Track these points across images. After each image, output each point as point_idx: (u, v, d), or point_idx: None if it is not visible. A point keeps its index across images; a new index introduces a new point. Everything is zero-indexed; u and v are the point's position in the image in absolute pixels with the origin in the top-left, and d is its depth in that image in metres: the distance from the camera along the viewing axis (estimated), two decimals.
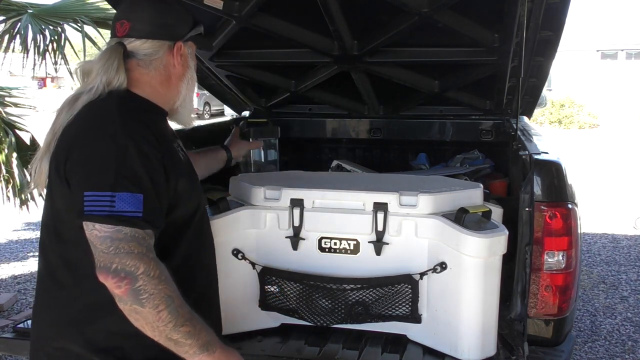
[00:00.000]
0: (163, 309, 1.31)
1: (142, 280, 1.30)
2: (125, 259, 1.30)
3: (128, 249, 1.30)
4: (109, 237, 1.30)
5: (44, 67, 4.22)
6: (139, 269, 1.30)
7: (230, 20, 2.34)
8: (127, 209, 1.31)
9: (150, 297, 1.30)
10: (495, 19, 2.21)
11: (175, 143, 1.57)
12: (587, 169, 9.47)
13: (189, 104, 1.64)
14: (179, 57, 1.55)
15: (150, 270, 1.31)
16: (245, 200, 2.02)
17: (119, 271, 1.29)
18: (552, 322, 1.97)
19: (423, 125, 3.46)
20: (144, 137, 1.39)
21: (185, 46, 1.57)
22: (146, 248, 1.33)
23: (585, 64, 25.18)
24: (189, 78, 1.61)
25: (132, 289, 1.29)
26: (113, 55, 1.50)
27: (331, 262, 1.94)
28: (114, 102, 1.46)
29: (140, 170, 1.35)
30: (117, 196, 1.31)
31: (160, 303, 1.31)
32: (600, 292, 4.56)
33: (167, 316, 1.32)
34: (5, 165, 4.12)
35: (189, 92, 1.61)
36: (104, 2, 4.13)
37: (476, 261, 1.76)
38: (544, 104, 4.48)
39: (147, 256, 1.32)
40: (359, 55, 2.58)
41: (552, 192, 1.92)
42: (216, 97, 3.57)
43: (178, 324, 1.33)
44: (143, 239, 1.33)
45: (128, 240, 1.31)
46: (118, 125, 1.39)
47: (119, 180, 1.32)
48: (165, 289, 1.32)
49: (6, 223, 6.50)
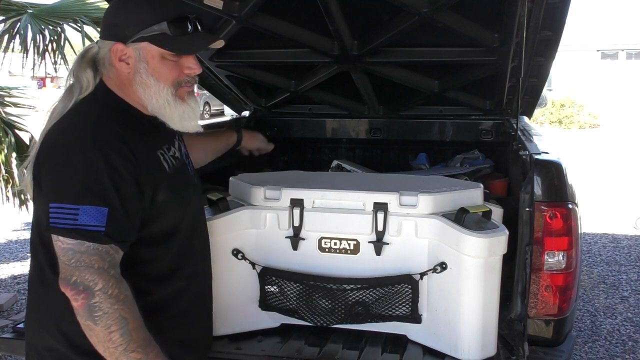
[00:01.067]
0: (115, 330, 1.29)
1: (99, 297, 1.28)
2: (84, 272, 1.28)
3: (89, 262, 1.29)
4: (71, 249, 1.29)
5: (44, 67, 4.22)
6: (97, 285, 1.28)
7: (230, 20, 2.34)
8: (90, 222, 1.29)
9: (104, 315, 1.28)
10: (495, 19, 2.21)
11: (160, 150, 1.50)
12: (587, 169, 9.47)
13: (168, 112, 1.48)
14: (117, 60, 1.44)
15: (109, 288, 1.29)
16: (245, 200, 2.02)
17: (78, 284, 1.28)
18: (553, 322, 1.97)
19: (423, 125, 3.46)
20: (115, 149, 1.35)
21: (132, 48, 1.43)
22: (109, 263, 1.31)
23: (585, 64, 25.18)
24: (141, 83, 1.45)
25: (88, 304, 1.28)
26: (82, 54, 1.51)
27: (331, 262, 1.94)
28: (94, 108, 1.44)
29: (107, 183, 1.32)
30: (81, 209, 1.29)
31: (113, 324, 1.28)
32: (601, 292, 4.55)
33: (118, 338, 1.29)
34: (4, 165, 4.12)
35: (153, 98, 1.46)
36: (104, 2, 4.12)
37: (476, 261, 1.76)
38: (544, 104, 4.48)
39: (107, 272, 1.30)
40: (359, 55, 2.57)
41: (553, 192, 1.92)
42: (216, 97, 3.56)
43: (129, 348, 1.30)
44: (107, 253, 1.31)
45: (90, 253, 1.29)
46: (89, 136, 1.36)
47: (84, 193, 1.30)
48: (122, 310, 1.29)
49: (6, 223, 6.50)
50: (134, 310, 1.33)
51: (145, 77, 1.45)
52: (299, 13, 2.36)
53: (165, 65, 1.46)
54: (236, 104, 3.62)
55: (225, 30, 2.41)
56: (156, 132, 1.52)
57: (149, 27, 1.42)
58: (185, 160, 1.65)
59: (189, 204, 1.57)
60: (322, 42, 2.53)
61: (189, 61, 1.50)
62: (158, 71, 1.45)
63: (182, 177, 1.56)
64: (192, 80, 1.53)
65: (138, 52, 1.44)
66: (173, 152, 1.57)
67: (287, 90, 3.17)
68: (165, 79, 1.47)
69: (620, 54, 26.68)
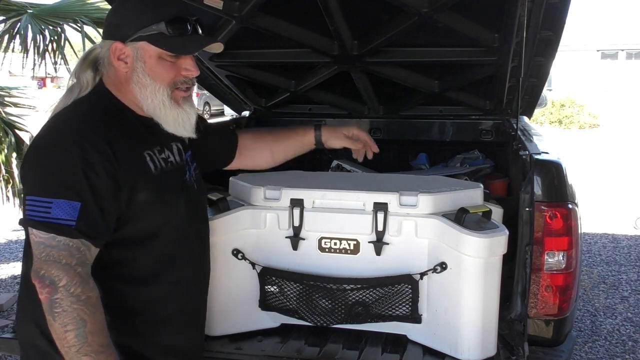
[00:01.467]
0: (70, 330, 1.28)
1: (61, 293, 1.29)
2: (51, 267, 1.30)
3: (57, 257, 1.30)
4: (42, 242, 1.31)
5: (44, 67, 4.22)
6: (61, 281, 1.29)
7: (230, 20, 2.34)
8: (61, 216, 1.31)
9: (63, 313, 1.28)
10: (495, 19, 2.21)
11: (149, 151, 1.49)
12: (587, 169, 9.47)
13: (162, 113, 1.49)
14: (116, 58, 1.46)
15: (72, 286, 1.29)
16: (245, 200, 2.02)
17: (45, 278, 1.30)
18: (553, 322, 1.97)
19: (423, 125, 3.46)
20: (93, 147, 1.35)
21: (130, 47, 1.45)
22: (77, 260, 1.31)
23: (585, 64, 25.18)
24: (137, 82, 1.46)
25: (50, 299, 1.29)
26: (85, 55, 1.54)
27: (331, 262, 1.94)
28: (84, 106, 1.47)
29: (82, 179, 1.33)
30: (54, 203, 1.31)
31: (70, 323, 1.28)
32: (601, 292, 4.55)
33: (72, 339, 1.29)
34: (5, 165, 4.12)
35: (148, 98, 1.47)
36: (104, 2, 4.12)
37: (476, 261, 1.76)
38: (544, 104, 4.48)
39: (73, 269, 1.30)
40: (359, 55, 2.57)
41: (553, 192, 1.92)
42: (216, 97, 3.56)
43: (82, 351, 1.29)
44: (77, 249, 1.32)
45: (60, 248, 1.30)
46: (71, 132, 1.38)
47: (58, 187, 1.32)
48: (81, 310, 1.29)
49: (6, 223, 6.50)
50: (95, 313, 1.32)
51: (142, 76, 1.46)
52: (299, 13, 2.36)
53: (162, 66, 1.47)
54: (236, 104, 3.62)
55: (225, 31, 2.41)
56: (148, 133, 1.52)
57: (148, 27, 1.44)
58: (185, 166, 1.63)
59: (174, 208, 1.53)
60: (322, 42, 2.53)
61: (186, 62, 1.50)
62: (155, 71, 1.46)
63: (170, 181, 1.54)
64: (189, 82, 1.53)
65: (136, 51, 1.46)
66: (167, 155, 1.55)
67: (287, 90, 3.17)
68: (161, 79, 1.47)
69: (620, 54, 26.69)
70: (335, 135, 1.95)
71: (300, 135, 1.97)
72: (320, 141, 1.96)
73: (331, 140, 1.96)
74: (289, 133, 1.99)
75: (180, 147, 1.64)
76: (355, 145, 1.94)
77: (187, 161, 1.66)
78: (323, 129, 1.95)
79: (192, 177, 1.66)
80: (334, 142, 1.96)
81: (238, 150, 1.94)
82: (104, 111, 1.47)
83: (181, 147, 1.64)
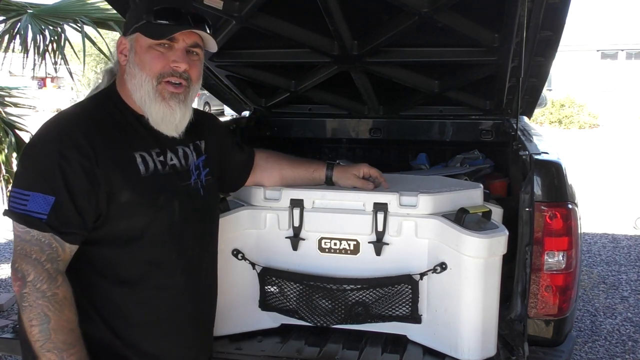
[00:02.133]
0: (35, 325, 1.31)
1: (29, 287, 1.32)
2: (23, 261, 1.33)
3: (28, 252, 1.33)
4: (19, 236, 1.35)
5: (44, 67, 4.22)
6: (29, 275, 1.32)
7: (230, 20, 2.34)
8: (35, 209, 1.33)
9: (29, 307, 1.32)
10: (495, 19, 2.21)
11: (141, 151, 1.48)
12: (587, 169, 9.47)
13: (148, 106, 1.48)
14: (119, 52, 1.52)
15: (38, 282, 1.31)
16: (245, 200, 2.02)
17: (18, 271, 1.33)
18: (553, 322, 1.97)
19: (423, 125, 3.46)
20: (73, 143, 1.37)
21: (127, 39, 1.50)
22: (47, 256, 1.33)
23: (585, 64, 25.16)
24: (129, 73, 1.49)
25: (21, 292, 1.32)
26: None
27: (331, 263, 1.94)
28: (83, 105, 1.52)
29: (58, 174, 1.34)
30: (30, 196, 1.34)
31: (35, 318, 1.31)
32: (601, 292, 4.55)
33: (37, 333, 1.31)
34: (5, 165, 4.12)
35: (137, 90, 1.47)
36: (104, 3, 4.12)
37: (476, 261, 1.76)
38: (544, 104, 4.48)
39: (42, 265, 1.32)
40: (359, 55, 2.57)
41: (552, 192, 1.92)
42: (216, 97, 3.56)
43: (44, 347, 1.32)
44: (48, 245, 1.34)
45: (32, 243, 1.33)
46: (57, 129, 1.41)
47: (35, 181, 1.35)
48: (46, 307, 1.31)
49: (6, 223, 6.49)
50: (61, 311, 1.33)
51: (132, 66, 1.49)
52: (299, 13, 2.36)
53: (149, 55, 1.47)
54: (236, 104, 3.62)
55: (225, 31, 2.42)
56: (147, 134, 1.51)
57: (140, 18, 1.48)
58: (191, 171, 1.60)
59: (162, 211, 1.49)
60: (322, 42, 2.53)
61: (175, 54, 1.48)
62: (143, 60, 1.47)
63: (164, 183, 1.51)
64: (177, 75, 1.49)
65: (131, 43, 1.50)
66: (168, 158, 1.54)
67: (287, 90, 3.17)
68: (148, 69, 1.47)
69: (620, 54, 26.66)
70: (345, 176, 1.96)
71: (312, 170, 1.97)
72: (331, 180, 1.96)
73: (342, 181, 1.96)
74: (302, 164, 1.99)
75: (189, 151, 1.61)
76: (366, 185, 1.95)
77: (198, 166, 1.63)
78: (335, 169, 1.96)
79: (199, 182, 1.62)
80: (344, 182, 1.96)
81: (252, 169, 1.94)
82: (102, 110, 1.48)
83: (190, 152, 1.61)
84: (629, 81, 23.81)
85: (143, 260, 1.49)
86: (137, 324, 1.50)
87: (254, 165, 1.93)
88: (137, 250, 1.47)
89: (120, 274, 1.47)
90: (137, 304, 1.49)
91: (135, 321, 1.50)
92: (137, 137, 1.50)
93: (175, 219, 1.52)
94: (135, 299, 1.49)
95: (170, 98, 1.49)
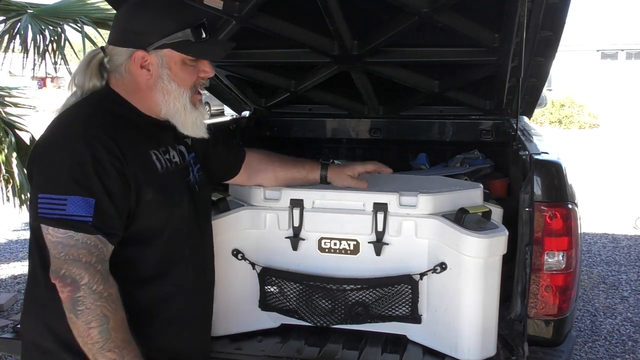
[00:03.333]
0: (94, 327, 1.31)
1: (84, 291, 1.30)
2: (72, 266, 1.31)
3: (77, 256, 1.31)
4: (60, 242, 1.32)
5: (44, 67, 4.22)
6: (83, 279, 1.31)
7: (230, 20, 2.34)
8: (77, 212, 1.32)
9: (86, 310, 1.30)
10: (495, 19, 2.21)
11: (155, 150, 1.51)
12: (587, 169, 9.47)
13: (182, 116, 1.53)
14: (138, 67, 1.48)
15: (94, 284, 1.31)
16: (245, 200, 2.02)
17: (66, 277, 1.31)
18: (552, 322, 1.97)
19: (423, 125, 3.46)
20: (102, 144, 1.37)
21: (154, 55, 1.47)
22: (96, 258, 1.33)
23: (585, 64, 25.17)
24: (162, 89, 1.49)
25: (73, 297, 1.31)
26: (87, 59, 1.54)
27: (331, 263, 1.94)
28: (89, 106, 1.48)
29: (93, 176, 1.34)
30: (68, 200, 1.32)
31: (94, 320, 1.31)
32: (601, 292, 4.55)
33: (96, 335, 1.31)
34: (5, 165, 4.12)
35: (171, 102, 1.50)
36: (104, 3, 4.12)
37: (476, 261, 1.76)
38: (544, 104, 4.49)
39: (93, 267, 1.32)
40: (359, 55, 2.57)
41: (552, 192, 1.92)
42: (216, 97, 3.56)
43: (105, 347, 1.31)
44: (95, 246, 1.33)
45: (79, 247, 1.32)
46: (79, 130, 1.39)
47: (71, 184, 1.33)
48: (104, 307, 1.31)
49: (6, 223, 6.50)
50: (117, 309, 1.34)
51: (168, 83, 1.50)
52: (299, 13, 2.36)
53: (185, 71, 1.51)
54: (236, 104, 3.62)
55: (225, 31, 2.41)
56: (154, 133, 1.54)
57: (172, 34, 1.46)
58: (189, 167, 1.64)
59: (177, 208, 1.54)
60: (322, 42, 2.53)
61: (204, 65, 1.55)
62: (179, 76, 1.50)
63: (173, 181, 1.55)
64: (206, 84, 1.59)
65: (161, 59, 1.48)
66: (172, 155, 1.57)
67: (287, 90, 3.17)
68: (185, 84, 1.51)
69: (620, 54, 26.68)
70: (340, 177, 1.94)
71: (306, 171, 1.96)
72: (326, 180, 1.95)
73: (336, 181, 1.95)
74: (296, 165, 1.98)
75: (183, 149, 1.65)
76: (360, 184, 1.93)
77: (190, 162, 1.67)
78: (329, 170, 1.95)
79: (195, 178, 1.66)
80: (339, 183, 1.95)
81: (243, 166, 1.94)
82: (109, 112, 1.48)
83: (184, 149, 1.65)
84: (629, 81, 23.82)
85: (162, 258, 1.51)
86: (156, 321, 1.52)
87: (245, 165, 1.93)
88: (157, 248, 1.50)
89: (140, 273, 1.49)
90: (156, 302, 1.52)
91: (154, 318, 1.52)
92: (147, 136, 1.52)
93: (185, 215, 1.57)
94: (154, 296, 1.51)
95: (199, 105, 1.56)
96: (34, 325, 1.48)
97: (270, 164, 1.96)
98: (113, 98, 1.52)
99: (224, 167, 1.91)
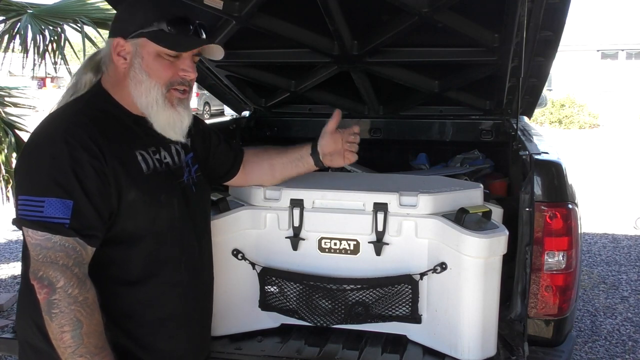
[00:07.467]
0: (67, 331, 1.30)
1: (59, 294, 1.30)
2: (49, 268, 1.30)
3: (54, 258, 1.31)
4: (39, 244, 1.32)
5: (44, 67, 4.22)
6: (59, 282, 1.30)
7: (230, 20, 2.34)
8: (54, 214, 1.31)
9: (60, 314, 1.30)
10: (495, 19, 2.21)
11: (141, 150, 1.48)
12: (587, 169, 9.47)
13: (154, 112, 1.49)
14: (116, 54, 1.47)
15: (69, 287, 1.30)
16: (245, 200, 2.02)
17: (43, 279, 1.31)
18: (553, 322, 1.97)
19: (423, 125, 3.46)
20: (81, 144, 1.35)
21: (130, 43, 1.46)
22: (74, 260, 1.32)
23: (585, 64, 25.16)
24: (133, 78, 1.47)
25: (49, 299, 1.30)
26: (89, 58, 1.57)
27: (331, 263, 1.94)
28: (76, 106, 1.48)
29: (72, 177, 1.33)
30: (46, 202, 1.31)
31: (67, 324, 1.30)
32: (601, 292, 4.55)
33: (68, 339, 1.30)
34: (4, 165, 4.12)
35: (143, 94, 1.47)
36: (104, 3, 4.12)
37: (476, 261, 1.76)
38: (544, 104, 4.48)
39: (70, 270, 1.31)
40: (359, 55, 2.57)
41: (552, 192, 1.92)
42: (216, 97, 3.57)
43: (77, 352, 1.30)
44: (73, 249, 1.32)
45: (56, 249, 1.31)
46: (59, 131, 1.38)
47: (49, 186, 1.32)
48: (78, 312, 1.30)
49: (6, 223, 6.50)
50: (92, 314, 1.33)
51: (139, 72, 1.47)
52: (298, 13, 2.36)
53: (159, 63, 1.48)
54: (236, 104, 3.62)
55: (225, 31, 2.42)
56: (143, 133, 1.52)
57: (149, 25, 1.46)
58: (184, 167, 1.62)
59: (164, 209, 1.51)
60: (322, 42, 2.53)
61: (184, 64, 1.50)
62: (152, 68, 1.47)
63: (163, 181, 1.52)
64: (185, 84, 1.52)
65: (135, 47, 1.47)
66: (162, 156, 1.55)
67: (287, 90, 3.17)
68: (157, 77, 1.48)
69: (620, 54, 26.65)
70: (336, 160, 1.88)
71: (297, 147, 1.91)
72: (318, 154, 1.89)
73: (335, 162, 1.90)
74: (290, 150, 1.93)
75: (180, 149, 1.63)
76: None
77: (187, 163, 1.65)
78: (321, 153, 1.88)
79: (191, 179, 1.64)
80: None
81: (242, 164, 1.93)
82: (97, 110, 1.47)
83: (180, 149, 1.63)
84: (629, 81, 23.79)
85: (149, 259, 1.49)
86: (146, 323, 1.51)
87: (244, 161, 1.92)
88: (143, 249, 1.48)
89: (128, 274, 1.47)
90: (146, 303, 1.50)
91: (144, 320, 1.50)
92: (134, 136, 1.50)
93: (175, 216, 1.54)
94: (143, 297, 1.49)
95: (178, 104, 1.52)
96: (26, 325, 1.48)
97: (266, 153, 1.96)
98: (102, 96, 1.51)
99: (225, 167, 1.90)
